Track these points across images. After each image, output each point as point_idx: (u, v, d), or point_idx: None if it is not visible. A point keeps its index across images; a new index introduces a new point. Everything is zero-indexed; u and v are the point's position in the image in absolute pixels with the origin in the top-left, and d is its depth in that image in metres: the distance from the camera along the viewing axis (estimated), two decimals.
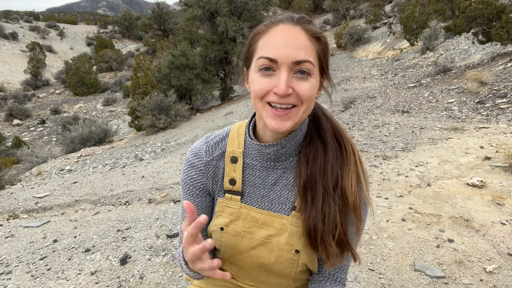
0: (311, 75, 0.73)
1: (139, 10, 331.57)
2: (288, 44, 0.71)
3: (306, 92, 0.72)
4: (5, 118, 20.98)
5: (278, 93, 0.70)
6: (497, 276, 2.14)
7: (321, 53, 0.75)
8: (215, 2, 14.75)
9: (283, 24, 0.73)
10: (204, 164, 0.89)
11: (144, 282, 2.26)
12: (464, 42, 11.25)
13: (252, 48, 0.77)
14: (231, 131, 0.91)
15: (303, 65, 0.71)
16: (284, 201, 0.86)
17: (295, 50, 0.70)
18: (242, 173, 0.87)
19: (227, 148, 0.88)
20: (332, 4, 26.80)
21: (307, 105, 0.74)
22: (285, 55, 0.70)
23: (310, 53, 0.72)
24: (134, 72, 14.67)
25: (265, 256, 0.86)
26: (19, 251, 2.85)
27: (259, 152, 0.84)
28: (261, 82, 0.73)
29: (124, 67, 34.33)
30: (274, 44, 0.72)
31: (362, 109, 7.90)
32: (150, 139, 11.27)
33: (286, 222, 0.85)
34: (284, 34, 0.72)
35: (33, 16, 59.94)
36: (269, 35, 0.73)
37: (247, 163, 0.87)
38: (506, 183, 3.43)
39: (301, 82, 0.72)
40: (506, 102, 6.37)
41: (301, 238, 0.84)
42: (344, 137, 0.86)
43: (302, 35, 0.72)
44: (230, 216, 0.88)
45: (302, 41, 0.72)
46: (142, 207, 4.09)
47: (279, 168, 0.85)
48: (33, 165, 10.04)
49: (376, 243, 2.56)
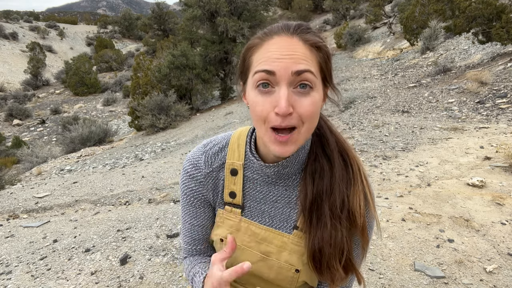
0: (313, 88, 0.67)
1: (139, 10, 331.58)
2: (286, 55, 0.66)
3: (308, 110, 0.67)
4: (5, 118, 20.98)
5: (279, 112, 0.65)
6: (497, 276, 2.14)
7: (322, 63, 0.70)
8: (215, 2, 14.75)
9: (278, 36, 0.68)
10: (203, 176, 0.85)
11: (144, 282, 2.26)
12: (464, 42, 11.25)
13: (247, 62, 0.73)
14: (231, 141, 0.86)
15: (304, 75, 0.66)
16: (286, 218, 0.83)
17: (294, 60, 0.65)
18: (243, 187, 0.84)
19: (226, 159, 0.84)
20: (332, 4, 26.80)
21: (309, 124, 0.69)
22: (284, 66, 0.65)
23: (310, 64, 0.67)
24: (134, 72, 14.67)
25: (264, 271, 0.85)
26: (19, 251, 2.84)
27: (259, 168, 0.81)
28: (261, 102, 0.68)
29: (124, 67, 34.34)
30: (271, 56, 0.66)
31: (362, 109, 7.89)
32: (150, 139, 11.27)
33: (287, 240, 0.82)
34: (280, 46, 0.67)
35: (33, 16, 59.97)
36: (264, 48, 0.68)
37: (248, 176, 0.83)
38: (506, 183, 3.43)
39: (302, 99, 0.66)
40: (506, 102, 6.37)
41: (302, 257, 0.82)
42: (349, 154, 0.82)
43: (300, 46, 0.67)
44: (230, 228, 0.86)
45: (300, 52, 0.66)
46: (142, 207, 4.09)
47: (281, 185, 0.82)
48: (33, 165, 10.04)
49: (376, 243, 2.56)
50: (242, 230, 0.85)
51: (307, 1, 34.24)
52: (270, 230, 0.83)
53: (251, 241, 0.84)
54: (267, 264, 0.84)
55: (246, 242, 0.84)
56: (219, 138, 0.89)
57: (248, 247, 0.84)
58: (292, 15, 30.39)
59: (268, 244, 0.83)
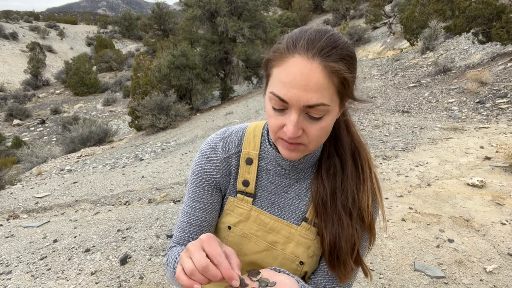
0: (325, 114, 0.68)
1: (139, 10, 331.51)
2: (301, 85, 0.64)
3: (316, 134, 0.69)
4: (5, 118, 20.98)
5: (286, 136, 0.69)
6: (497, 276, 2.14)
7: (340, 88, 0.67)
8: (215, 2, 14.75)
9: (299, 56, 0.64)
10: (220, 161, 0.87)
11: (144, 282, 2.26)
12: (464, 42, 11.25)
13: (268, 71, 0.73)
14: (247, 131, 0.89)
15: (316, 108, 0.66)
16: (294, 210, 0.86)
17: (308, 92, 0.64)
18: (256, 176, 0.86)
19: (242, 148, 0.87)
20: (332, 4, 26.80)
21: (316, 144, 0.72)
22: (296, 98, 0.64)
23: (325, 95, 0.65)
24: (134, 72, 14.67)
25: (268, 262, 0.86)
26: (19, 251, 2.84)
27: (275, 159, 0.84)
28: (274, 117, 0.70)
29: (124, 67, 34.35)
30: (286, 81, 0.65)
31: (362, 109, 7.89)
32: (150, 139, 11.27)
33: (295, 231, 0.85)
34: (297, 71, 0.64)
35: (33, 16, 59.97)
36: (283, 68, 0.66)
37: (262, 166, 0.86)
38: (506, 183, 3.43)
39: (312, 124, 0.68)
40: (506, 102, 6.37)
41: (308, 250, 0.84)
42: (361, 154, 0.84)
43: (318, 73, 0.63)
44: (239, 216, 0.87)
45: (316, 81, 0.64)
46: (142, 207, 4.09)
47: (293, 177, 0.85)
48: (33, 165, 10.05)
49: (376, 243, 2.56)
50: (251, 218, 0.86)
51: (307, 1, 34.23)
52: (278, 221, 0.85)
53: (259, 230, 0.86)
54: (272, 254, 0.86)
55: (254, 231, 0.86)
56: (237, 127, 0.92)
57: (256, 236, 0.86)
58: (292, 15, 30.35)
59: (275, 234, 0.85)
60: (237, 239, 0.88)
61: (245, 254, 0.88)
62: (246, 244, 0.87)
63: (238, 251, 0.89)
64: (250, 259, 0.88)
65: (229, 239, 0.89)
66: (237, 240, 0.88)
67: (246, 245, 0.87)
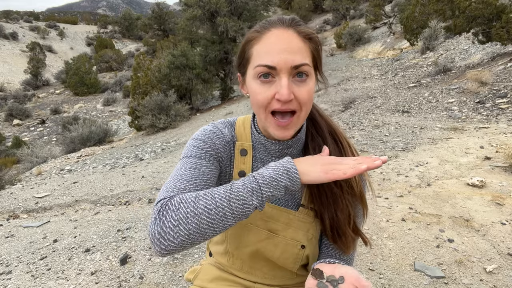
0: (308, 76, 0.75)
1: (139, 10, 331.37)
2: (284, 49, 0.72)
3: (306, 96, 0.75)
4: (5, 118, 20.98)
5: (281, 99, 0.72)
6: (497, 276, 2.14)
7: (315, 53, 0.77)
8: (215, 2, 14.75)
9: (275, 29, 0.74)
10: (227, 141, 0.88)
11: (144, 282, 2.26)
12: (464, 42, 11.25)
13: (247, 55, 0.78)
14: (237, 124, 0.93)
15: (301, 68, 0.73)
16: (291, 198, 0.88)
17: (292, 54, 0.72)
18: (251, 166, 0.88)
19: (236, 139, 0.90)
20: (332, 4, 26.79)
21: (307, 109, 0.78)
22: (284, 61, 0.71)
23: (306, 55, 0.74)
24: (134, 72, 14.67)
25: (270, 249, 0.88)
26: (19, 251, 2.84)
27: (265, 147, 0.87)
28: (262, 90, 0.75)
29: (124, 67, 34.34)
30: (270, 50, 0.73)
31: (362, 109, 7.90)
32: (150, 139, 11.27)
33: (293, 217, 0.87)
34: (278, 39, 0.73)
35: (33, 16, 59.97)
36: (263, 42, 0.74)
37: (256, 157, 0.89)
38: (506, 183, 3.43)
39: (300, 87, 0.74)
40: (506, 102, 6.36)
41: (307, 233, 0.87)
42: (337, 132, 0.91)
43: (295, 37, 0.74)
44: None
45: (296, 44, 0.73)
46: (142, 207, 4.09)
47: None
48: (33, 165, 10.04)
49: (376, 243, 2.56)
50: None
51: (307, 1, 34.23)
52: (276, 208, 0.87)
53: (258, 219, 0.88)
54: (273, 242, 0.88)
55: (253, 221, 0.88)
56: (224, 121, 0.94)
57: (256, 225, 0.88)
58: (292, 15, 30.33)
59: (275, 222, 0.87)
60: (237, 230, 0.89)
61: (247, 245, 0.89)
62: (247, 235, 0.88)
63: (240, 242, 0.90)
64: (252, 249, 0.89)
65: (229, 231, 0.90)
66: (238, 232, 0.89)
67: (247, 235, 0.88)
